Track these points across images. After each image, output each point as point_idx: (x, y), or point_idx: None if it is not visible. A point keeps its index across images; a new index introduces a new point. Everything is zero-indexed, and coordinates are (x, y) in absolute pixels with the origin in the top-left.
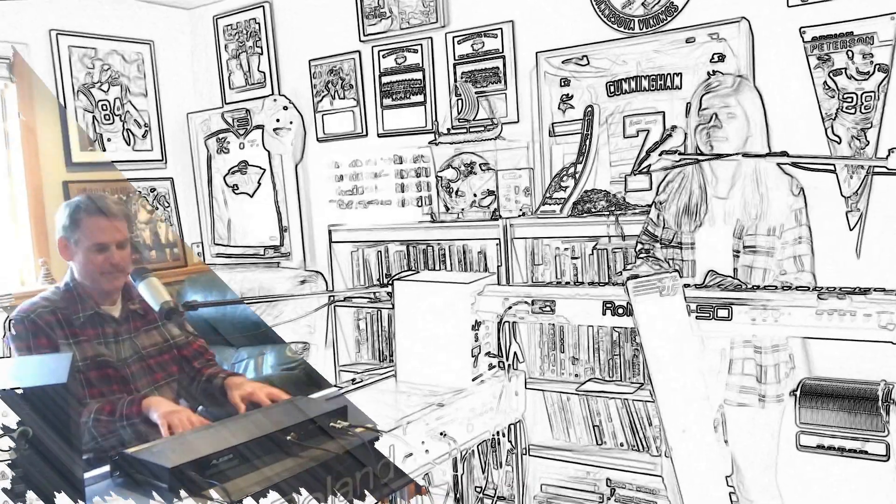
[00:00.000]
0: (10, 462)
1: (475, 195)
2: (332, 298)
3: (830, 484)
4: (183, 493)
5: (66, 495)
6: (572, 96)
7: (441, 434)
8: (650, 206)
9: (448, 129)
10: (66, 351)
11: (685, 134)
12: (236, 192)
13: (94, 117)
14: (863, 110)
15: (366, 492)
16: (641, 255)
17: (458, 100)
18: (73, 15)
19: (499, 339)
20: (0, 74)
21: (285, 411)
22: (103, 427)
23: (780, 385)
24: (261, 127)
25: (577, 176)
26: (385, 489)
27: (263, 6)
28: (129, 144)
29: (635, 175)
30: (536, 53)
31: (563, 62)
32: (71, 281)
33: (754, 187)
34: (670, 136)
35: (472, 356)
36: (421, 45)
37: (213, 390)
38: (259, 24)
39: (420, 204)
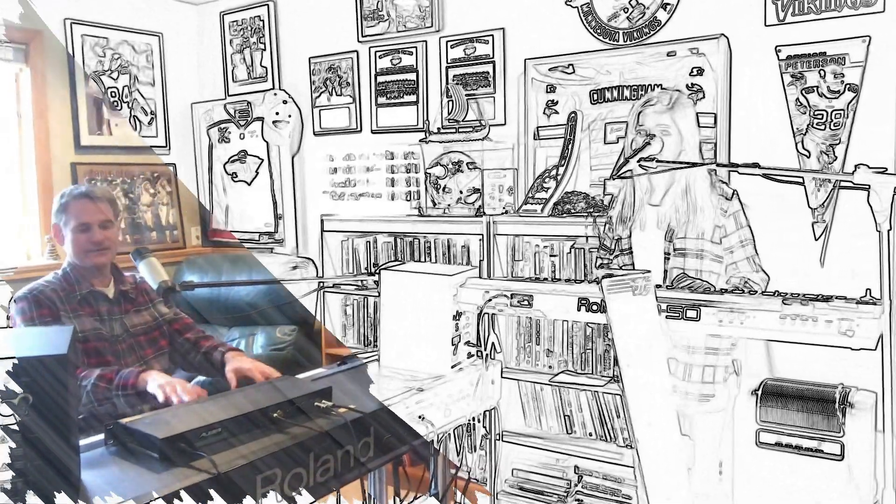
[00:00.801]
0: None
1: (461, 192)
2: (321, 284)
3: (786, 481)
4: (172, 462)
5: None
6: (557, 102)
7: (420, 417)
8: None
9: (438, 129)
10: (67, 323)
11: (638, 131)
12: (235, 179)
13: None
14: (832, 127)
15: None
16: (601, 270)
17: (448, 101)
18: (88, 5)
19: (478, 329)
20: (16, 59)
21: (273, 389)
22: (101, 393)
23: (713, 386)
24: (261, 119)
25: (559, 178)
26: (364, 468)
27: (268, 5)
28: (135, 130)
29: (614, 179)
30: (525, 60)
31: (549, 69)
32: (68, 266)
33: (684, 195)
34: (649, 143)
35: (452, 345)
36: (416, 47)
37: (210, 364)
38: (263, 21)
39: (409, 198)
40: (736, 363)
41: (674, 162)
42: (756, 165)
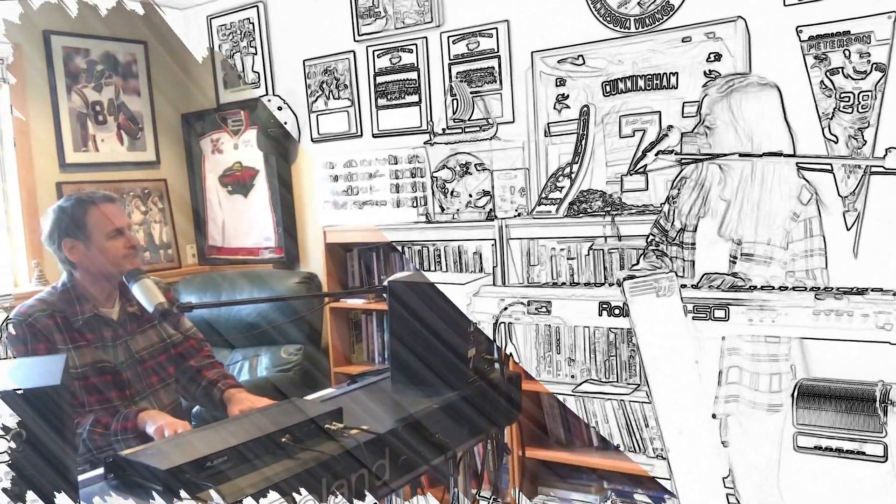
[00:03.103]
0: (9, 463)
1: (470, 196)
2: (327, 299)
3: (828, 485)
4: (179, 494)
5: (64, 493)
6: (568, 96)
7: (436, 435)
8: (648, 206)
9: (443, 130)
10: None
11: (681, 134)
12: (231, 192)
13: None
14: (860, 110)
15: (365, 492)
16: (650, 248)
17: (453, 100)
18: (67, 15)
19: (494, 340)
20: None
21: (280, 413)
22: (98, 440)
23: (779, 395)
24: (255, 127)
25: (573, 176)
26: (382, 490)
27: (257, 6)
28: (122, 145)
29: (631, 175)
30: (532, 53)
31: (558, 62)
32: (69, 281)
33: (758, 192)
34: (666, 135)
35: (468, 357)
36: (416, 44)
37: (212, 398)
38: (253, 24)
39: (415, 204)
40: (794, 367)
41: (687, 154)
42: (780, 154)
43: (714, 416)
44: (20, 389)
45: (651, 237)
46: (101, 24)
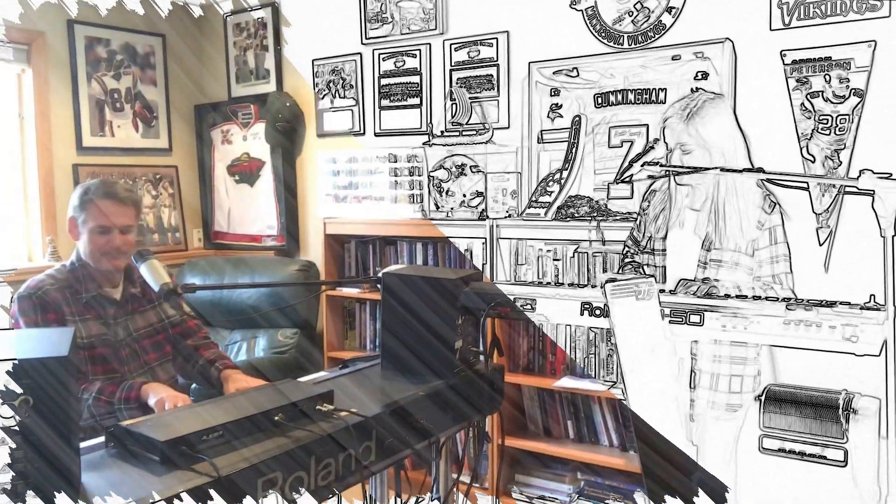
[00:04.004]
0: (14, 428)
1: (464, 195)
2: (323, 287)
3: (790, 487)
4: (176, 464)
5: (61, 475)
6: (561, 105)
7: (421, 420)
8: (632, 213)
9: (441, 132)
10: (72, 327)
11: (667, 146)
12: (238, 181)
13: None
14: (837, 132)
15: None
16: (626, 261)
17: (452, 104)
18: (91, 6)
19: (482, 332)
20: (17, 60)
21: (275, 392)
22: (103, 407)
23: (738, 396)
24: (264, 121)
25: (563, 182)
26: (366, 472)
27: (271, 6)
28: (137, 132)
29: (618, 184)
30: (529, 63)
31: (554, 73)
32: (77, 260)
33: (724, 202)
34: (653, 147)
35: (456, 348)
36: (420, 50)
37: (208, 377)
38: (266, 23)
39: (412, 201)
40: (759, 373)
41: (671, 166)
42: (760, 170)
43: (691, 417)
44: (26, 359)
45: (626, 248)
46: (123, 17)
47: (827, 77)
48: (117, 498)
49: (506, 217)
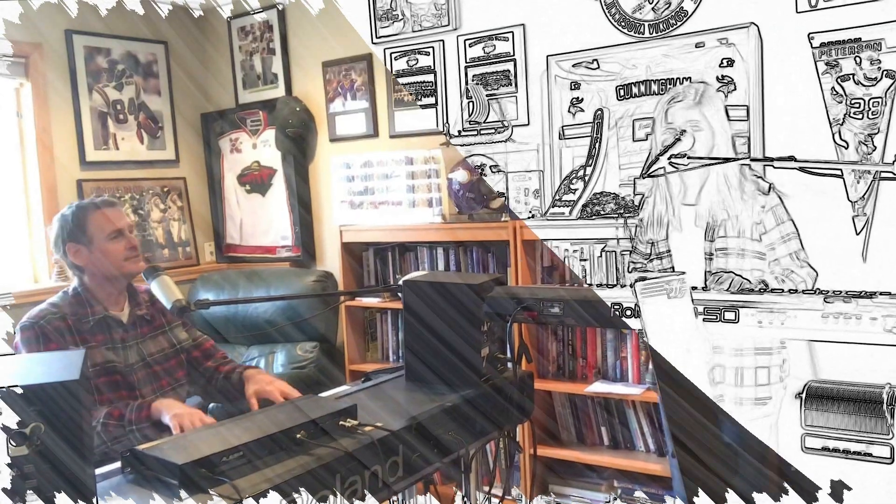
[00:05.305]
0: (27, 456)
1: (485, 197)
2: (342, 298)
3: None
4: (196, 488)
5: (76, 496)
6: (582, 99)
7: (448, 433)
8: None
9: (459, 131)
10: None
11: (659, 139)
12: (249, 191)
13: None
14: (870, 116)
15: (378, 487)
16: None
17: (468, 102)
18: (89, 15)
19: (508, 339)
20: (14, 74)
21: (295, 409)
22: (113, 432)
23: (766, 388)
24: (274, 127)
25: (587, 179)
26: (393, 488)
27: (277, 8)
28: (142, 144)
29: (644, 178)
30: (547, 57)
31: (573, 66)
32: (79, 286)
33: (720, 190)
34: (679, 139)
35: (482, 357)
36: (433, 47)
37: (230, 386)
38: (272, 25)
39: (430, 205)
40: (786, 362)
41: (706, 158)
42: (792, 159)
43: (717, 417)
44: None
45: (632, 265)
46: (123, 23)
47: (857, 59)
48: None
49: (529, 217)
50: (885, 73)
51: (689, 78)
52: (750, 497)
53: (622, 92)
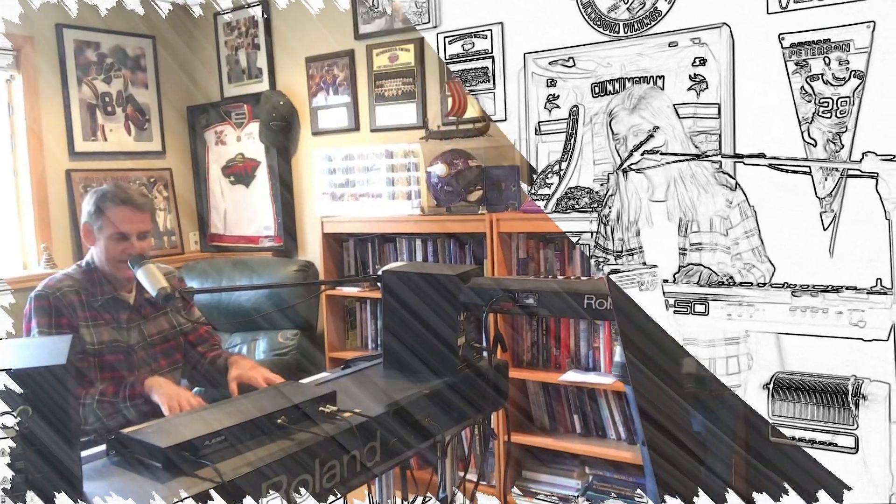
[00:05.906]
0: (15, 437)
1: (463, 190)
2: (323, 287)
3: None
4: (178, 471)
5: (62, 479)
6: (558, 96)
7: (426, 419)
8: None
9: (438, 126)
10: (85, 333)
11: (616, 139)
12: (233, 182)
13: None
14: (838, 115)
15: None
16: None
17: (447, 97)
18: (79, 9)
19: (484, 329)
20: (7, 67)
21: (277, 395)
22: (108, 408)
23: (739, 376)
24: (258, 120)
25: (562, 174)
26: (371, 472)
27: (262, 4)
28: (130, 135)
29: (618, 175)
30: (524, 55)
31: (549, 63)
32: (91, 262)
33: (687, 186)
34: (652, 136)
35: (458, 346)
36: (413, 44)
37: (215, 371)
38: (258, 21)
39: (409, 197)
40: (750, 356)
41: (670, 154)
42: (762, 156)
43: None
44: (25, 368)
45: (596, 260)
46: (112, 18)
47: (826, 59)
48: (117, 498)
49: (505, 210)
50: (853, 73)
51: (663, 77)
52: (725, 490)
53: (597, 89)
